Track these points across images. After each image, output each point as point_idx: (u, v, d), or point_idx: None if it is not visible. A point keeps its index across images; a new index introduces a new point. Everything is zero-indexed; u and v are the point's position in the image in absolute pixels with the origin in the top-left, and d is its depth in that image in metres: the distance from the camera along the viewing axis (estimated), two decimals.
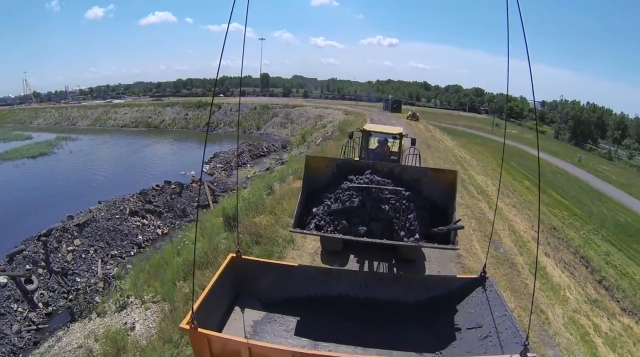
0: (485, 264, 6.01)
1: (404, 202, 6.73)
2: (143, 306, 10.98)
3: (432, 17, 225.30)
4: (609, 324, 11.12)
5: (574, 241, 21.72)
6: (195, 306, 4.62)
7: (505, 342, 5.17)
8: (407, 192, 6.90)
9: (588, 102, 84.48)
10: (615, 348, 9.65)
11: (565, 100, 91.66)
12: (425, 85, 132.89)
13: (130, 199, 24.87)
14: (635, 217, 35.55)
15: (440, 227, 6.70)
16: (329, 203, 6.81)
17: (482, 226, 14.92)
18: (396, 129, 12.66)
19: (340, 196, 6.80)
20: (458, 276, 7.08)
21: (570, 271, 14.26)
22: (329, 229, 6.63)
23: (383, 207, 6.66)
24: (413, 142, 12.41)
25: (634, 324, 13.28)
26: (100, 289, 16.41)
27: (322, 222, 6.68)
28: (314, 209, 6.91)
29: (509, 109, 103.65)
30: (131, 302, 11.62)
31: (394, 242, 6.57)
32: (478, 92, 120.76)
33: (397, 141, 12.46)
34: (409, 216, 6.66)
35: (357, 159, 11.85)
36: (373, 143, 12.85)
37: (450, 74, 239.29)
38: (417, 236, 6.62)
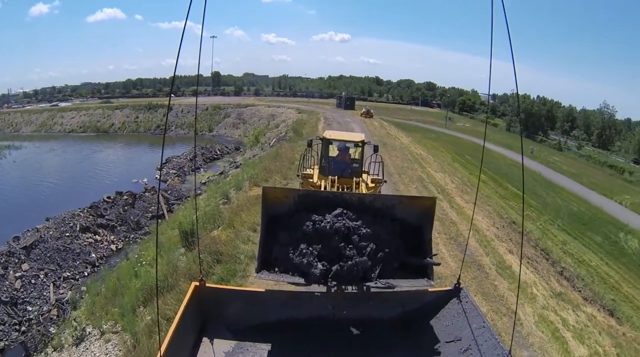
0: (459, 276, 6.17)
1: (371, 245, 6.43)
2: (103, 337, 10.50)
3: (383, 13, 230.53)
4: (575, 317, 11.78)
5: (533, 233, 22.85)
6: (163, 349, 4.43)
7: (486, 355, 5.31)
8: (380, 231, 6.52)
9: (538, 96, 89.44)
10: (583, 340, 10.25)
11: (516, 93, 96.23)
12: (377, 80, 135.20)
13: (81, 213, 23.77)
14: (587, 205, 37.83)
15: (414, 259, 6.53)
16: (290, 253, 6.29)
17: (446, 227, 15.39)
18: (358, 136, 12.42)
19: (303, 250, 6.28)
20: (431, 289, 7.18)
21: (534, 266, 14.98)
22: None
23: (350, 251, 6.35)
24: (376, 149, 12.31)
25: (596, 312, 14.16)
26: (55, 317, 15.42)
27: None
28: (275, 250, 6.40)
29: (461, 103, 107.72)
30: (89, 332, 11.09)
31: (366, 286, 6.41)
32: (430, 86, 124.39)
33: (359, 148, 12.37)
34: (379, 255, 6.44)
35: (314, 173, 11.61)
36: (333, 151, 12.72)
37: (402, 69, 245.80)
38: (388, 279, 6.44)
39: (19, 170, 43.82)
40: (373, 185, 11.47)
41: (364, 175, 11.67)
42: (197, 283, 5.67)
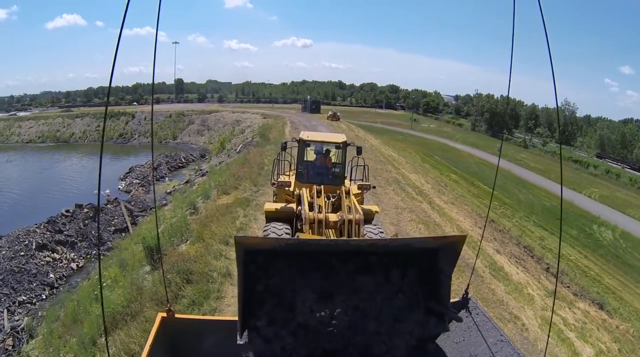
0: (468, 285, 5.62)
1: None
2: None
3: (344, 17, 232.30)
4: (572, 314, 11.61)
5: (512, 230, 22.94)
6: None
7: None
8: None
9: (502, 95, 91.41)
10: (586, 339, 10.03)
11: (480, 93, 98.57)
12: (340, 84, 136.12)
13: (37, 230, 22.07)
14: (558, 200, 38.52)
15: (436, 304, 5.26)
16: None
17: (431, 230, 15.04)
18: (339, 137, 11.20)
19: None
20: None
21: (523, 265, 14.83)
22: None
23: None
24: (359, 151, 11.06)
25: (588, 307, 14.11)
26: (10, 348, 13.88)
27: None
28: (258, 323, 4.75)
29: (425, 105, 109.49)
30: None
31: None
32: (393, 89, 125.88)
33: (340, 151, 11.12)
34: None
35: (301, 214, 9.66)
36: (311, 154, 11.77)
37: (364, 73, 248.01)
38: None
39: None
40: (359, 192, 10.29)
41: (347, 182, 10.60)
42: (164, 314, 4.94)
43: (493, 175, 44.19)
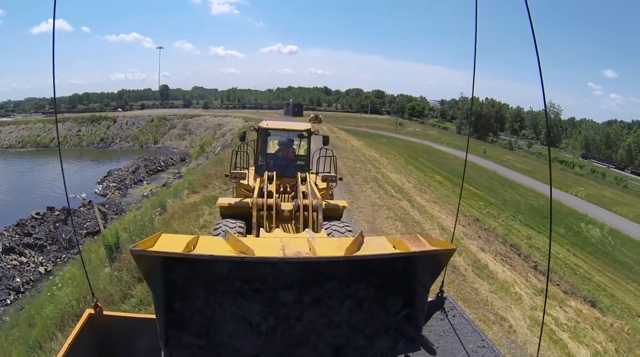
0: (442, 282, 4.53)
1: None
2: None
3: (330, 24, 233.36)
4: (564, 314, 10.64)
5: (497, 229, 22.09)
6: None
7: None
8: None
9: (487, 98, 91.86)
10: (581, 339, 9.07)
11: (465, 97, 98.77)
12: (326, 90, 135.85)
13: (5, 232, 21.35)
14: (545, 199, 37.99)
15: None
16: None
17: (409, 228, 13.99)
18: (303, 125, 10.28)
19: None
20: None
21: (509, 263, 13.87)
22: None
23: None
24: (325, 141, 10.00)
25: (580, 305, 13.19)
26: None
27: None
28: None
29: (410, 109, 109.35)
30: None
31: None
32: (379, 94, 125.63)
33: (305, 141, 10.03)
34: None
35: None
36: (273, 146, 10.61)
37: (350, 79, 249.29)
38: None
39: None
40: (324, 186, 8.92)
41: (312, 176, 9.13)
42: (92, 311, 4.35)
43: (478, 176, 43.73)
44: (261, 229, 6.33)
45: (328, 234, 6.62)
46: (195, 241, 3.25)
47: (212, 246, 3.27)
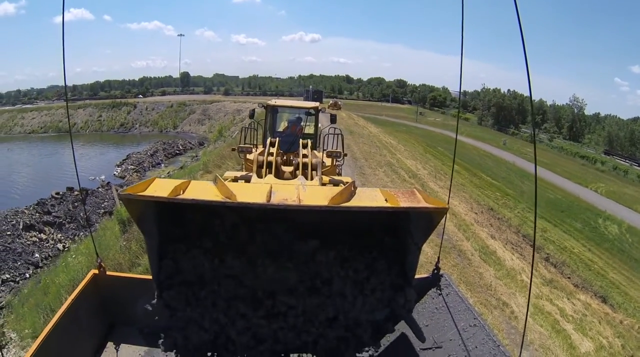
0: (438, 259, 4.32)
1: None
2: (21, 343, 9.21)
3: (353, 13, 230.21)
4: (571, 305, 10.24)
5: (512, 220, 21.54)
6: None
7: None
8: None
9: (509, 90, 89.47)
10: (585, 332, 8.70)
11: (487, 88, 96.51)
12: (348, 79, 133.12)
13: (25, 211, 21.70)
14: (563, 193, 37.13)
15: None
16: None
17: None
18: (310, 103, 10.38)
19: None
20: None
21: (519, 252, 13.42)
22: None
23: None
24: (333, 119, 9.95)
25: (590, 299, 12.74)
26: None
27: None
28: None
29: (431, 99, 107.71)
30: (11, 338, 9.72)
31: None
32: (400, 83, 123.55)
33: (312, 119, 9.99)
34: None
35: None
36: (283, 125, 10.49)
37: (372, 68, 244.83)
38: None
39: None
40: (329, 161, 8.41)
41: (317, 153, 9.18)
42: (96, 271, 4.46)
43: (496, 167, 42.90)
44: (253, 173, 6.22)
45: None
46: (186, 185, 3.30)
47: (200, 189, 3.30)
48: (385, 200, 3.31)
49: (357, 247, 3.75)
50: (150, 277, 4.19)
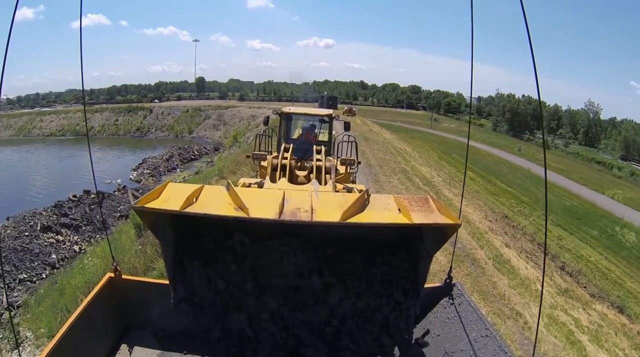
0: (450, 268, 4.31)
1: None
2: (37, 342, 9.18)
3: (367, 18, 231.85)
4: (586, 316, 10.05)
5: (527, 228, 21.24)
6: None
7: None
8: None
9: (523, 95, 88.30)
10: (601, 343, 8.53)
11: (501, 93, 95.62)
12: (362, 85, 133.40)
13: (43, 212, 21.91)
14: (579, 200, 36.53)
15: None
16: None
17: None
18: (324, 111, 10.34)
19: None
20: None
21: (534, 261, 13.22)
22: None
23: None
24: (347, 126, 9.92)
25: (606, 310, 12.51)
26: (5, 322, 13.76)
27: None
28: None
29: (446, 105, 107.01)
30: (26, 337, 9.70)
31: None
32: (415, 89, 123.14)
33: (327, 126, 9.85)
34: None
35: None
36: (298, 132, 10.51)
37: (387, 73, 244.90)
38: None
39: None
40: (343, 168, 8.44)
41: (331, 158, 9.23)
42: (112, 274, 4.58)
43: (511, 174, 42.41)
44: (267, 178, 6.17)
45: None
46: (199, 191, 3.44)
47: (214, 196, 3.45)
48: (399, 210, 3.37)
49: (368, 277, 3.80)
50: (165, 281, 4.31)
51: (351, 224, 3.14)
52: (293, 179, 6.64)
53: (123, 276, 4.63)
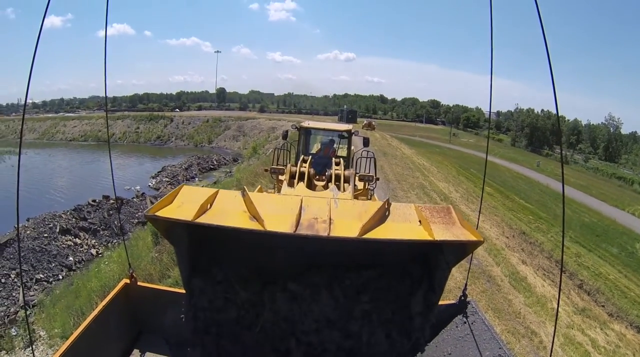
0: (465, 285, 4.38)
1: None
2: (50, 341, 9.49)
3: (388, 32, 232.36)
4: (604, 336, 9.88)
5: (545, 244, 20.89)
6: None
7: None
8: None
9: (542, 110, 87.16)
10: None
11: (520, 108, 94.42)
12: (382, 99, 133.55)
13: (63, 215, 22.45)
14: (599, 216, 35.67)
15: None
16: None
17: None
18: (343, 126, 10.34)
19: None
20: None
21: (551, 279, 13.05)
22: None
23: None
24: (366, 142, 10.07)
25: (625, 329, 12.21)
26: (20, 320, 14.09)
27: None
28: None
29: (465, 120, 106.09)
30: (40, 336, 10.05)
31: None
32: (434, 104, 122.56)
33: (345, 141, 9.91)
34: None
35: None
36: (317, 147, 10.45)
37: (406, 87, 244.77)
38: None
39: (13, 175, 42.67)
40: (361, 184, 8.59)
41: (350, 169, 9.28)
42: (128, 281, 4.67)
43: (529, 190, 41.69)
44: (284, 183, 6.08)
45: None
46: (213, 197, 3.54)
47: (229, 202, 3.50)
48: (419, 222, 3.40)
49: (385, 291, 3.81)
50: (179, 290, 4.46)
51: (370, 240, 3.14)
52: (311, 187, 6.49)
53: (138, 283, 4.75)
